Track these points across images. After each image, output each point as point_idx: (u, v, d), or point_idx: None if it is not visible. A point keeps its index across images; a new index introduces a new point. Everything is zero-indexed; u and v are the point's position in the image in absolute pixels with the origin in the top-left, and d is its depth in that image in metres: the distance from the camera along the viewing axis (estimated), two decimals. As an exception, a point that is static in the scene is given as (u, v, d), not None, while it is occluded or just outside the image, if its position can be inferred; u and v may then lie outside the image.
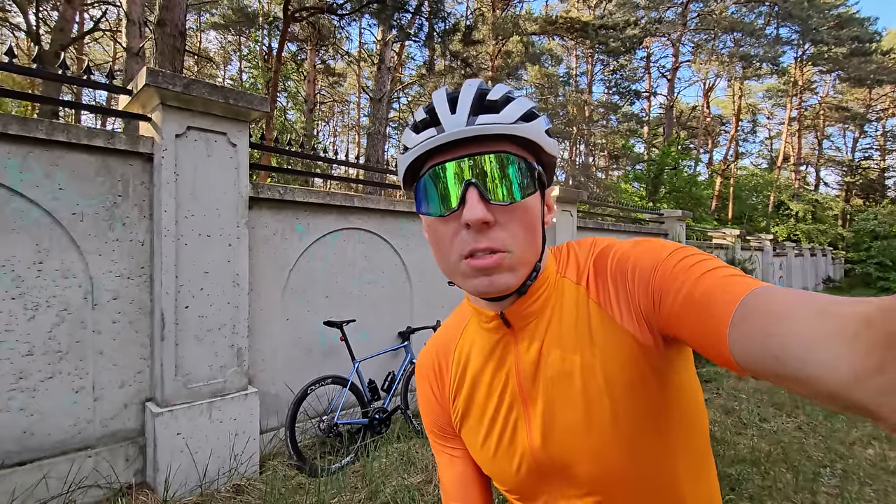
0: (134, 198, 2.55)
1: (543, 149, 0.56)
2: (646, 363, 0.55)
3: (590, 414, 0.57)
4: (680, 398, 0.58)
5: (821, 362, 0.32)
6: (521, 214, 0.54)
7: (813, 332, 0.34)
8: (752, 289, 0.42)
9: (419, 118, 0.57)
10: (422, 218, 0.61)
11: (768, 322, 0.37)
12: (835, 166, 36.96)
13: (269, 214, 3.12)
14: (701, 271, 0.48)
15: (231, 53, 20.01)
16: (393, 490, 2.59)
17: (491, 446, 0.66)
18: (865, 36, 27.20)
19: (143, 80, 2.40)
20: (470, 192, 0.52)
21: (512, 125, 0.52)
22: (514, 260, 0.54)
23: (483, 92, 0.55)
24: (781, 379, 0.36)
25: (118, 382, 2.50)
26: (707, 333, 0.44)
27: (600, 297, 0.58)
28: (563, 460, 0.59)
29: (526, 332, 0.61)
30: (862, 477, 3.01)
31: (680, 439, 0.58)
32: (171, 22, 4.13)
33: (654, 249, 0.55)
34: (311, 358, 3.34)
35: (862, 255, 22.30)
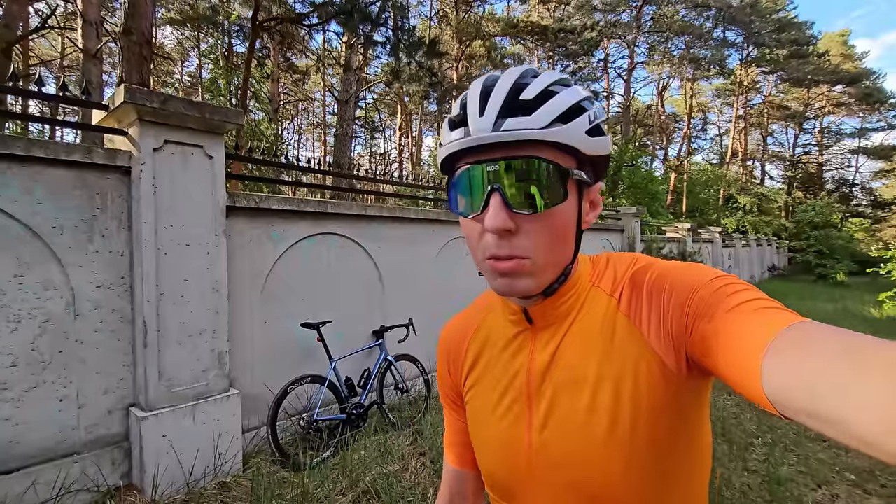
0: (113, 210, 2.62)
1: (582, 150, 0.53)
2: (663, 387, 0.53)
3: (591, 424, 0.55)
4: (688, 438, 0.56)
5: (855, 406, 0.31)
6: (546, 223, 0.53)
7: (851, 373, 0.33)
8: (792, 323, 0.40)
9: (454, 113, 0.55)
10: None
11: (805, 358, 0.36)
12: (778, 161, 39.36)
13: (246, 222, 3.23)
14: (740, 300, 0.46)
15: (189, 50, 19.42)
16: (372, 478, 2.78)
17: (489, 433, 0.65)
18: (803, 39, 29.10)
19: (120, 97, 2.48)
20: (493, 198, 0.51)
21: (542, 130, 0.49)
22: (536, 266, 0.53)
23: (519, 87, 0.52)
24: (814, 419, 0.35)
25: (102, 389, 2.57)
26: (740, 365, 0.42)
27: (631, 310, 0.57)
28: (555, 464, 0.58)
29: (547, 331, 0.61)
30: (787, 445, 3.42)
31: (679, 482, 0.57)
32: (137, 30, 4.12)
33: (696, 272, 0.53)
34: (289, 359, 3.48)
35: (803, 244, 23.91)
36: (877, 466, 3.02)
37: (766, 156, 37.81)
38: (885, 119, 36.86)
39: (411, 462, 3.08)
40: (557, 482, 0.58)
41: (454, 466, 0.78)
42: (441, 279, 4.75)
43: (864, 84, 33.73)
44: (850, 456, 3.21)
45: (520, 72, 0.54)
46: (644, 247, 9.33)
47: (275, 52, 15.74)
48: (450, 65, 14.12)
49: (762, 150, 37.39)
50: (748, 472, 2.98)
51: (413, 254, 4.45)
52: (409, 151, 22.31)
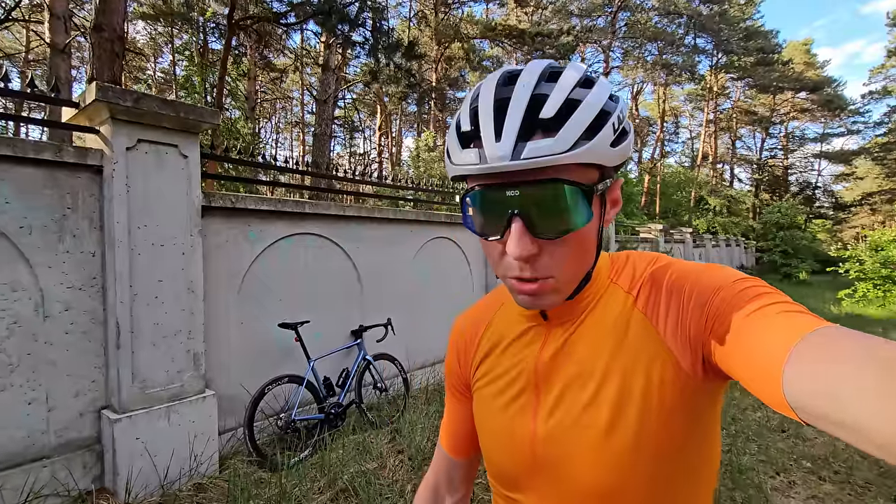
0: (84, 210, 2.58)
1: (606, 165, 0.51)
2: (674, 388, 0.52)
3: (595, 419, 0.55)
4: (695, 444, 0.55)
5: (880, 415, 0.31)
6: (570, 241, 0.51)
7: (876, 381, 0.32)
8: (816, 327, 0.40)
9: (464, 127, 0.51)
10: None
11: (829, 364, 0.35)
12: (746, 164, 40.69)
13: (222, 222, 3.21)
14: (763, 303, 0.45)
15: (162, 46, 18.93)
16: (350, 476, 2.80)
17: (496, 426, 0.65)
18: (769, 47, 30.22)
19: (92, 95, 2.44)
20: (515, 224, 0.49)
21: (567, 154, 0.46)
22: (560, 283, 0.53)
23: (538, 101, 0.47)
24: (836, 425, 0.34)
25: (72, 392, 2.53)
26: (760, 368, 0.41)
27: (648, 308, 0.56)
28: (559, 456, 0.58)
29: (561, 327, 0.61)
30: (749, 435, 3.59)
31: (684, 488, 0.56)
32: (109, 26, 4.01)
33: (718, 274, 0.52)
34: (266, 359, 3.46)
35: (769, 244, 24.81)
36: (831, 454, 3.20)
37: (735, 159, 39.08)
38: (845, 125, 38.57)
39: (389, 460, 3.11)
40: (560, 475, 0.58)
41: (448, 454, 0.78)
42: (419, 279, 4.79)
43: (826, 91, 35.21)
44: (807, 445, 3.39)
45: (537, 73, 0.50)
46: (618, 247, 9.55)
47: (252, 49, 15.50)
48: (429, 66, 14.16)
49: (731, 154, 38.62)
50: (713, 461, 3.12)
51: (392, 254, 4.48)
52: (388, 152, 22.25)
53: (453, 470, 0.79)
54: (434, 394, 4.34)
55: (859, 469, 2.96)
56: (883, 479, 2.83)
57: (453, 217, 5.24)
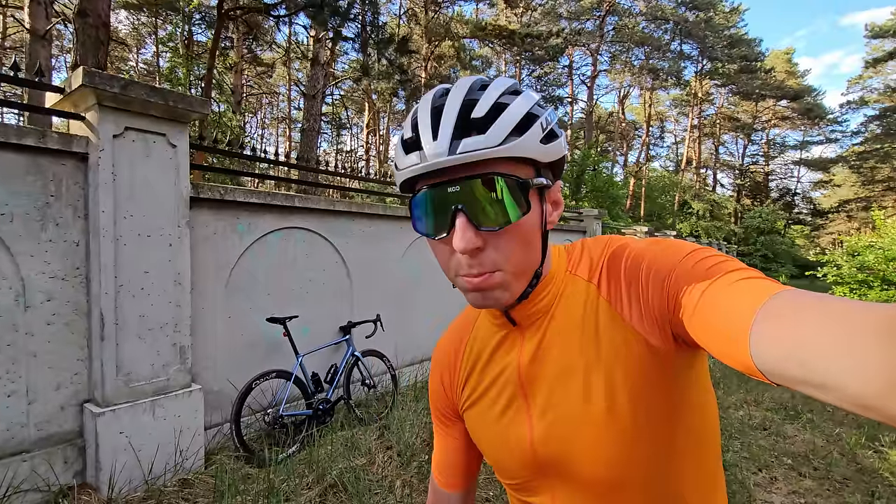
0: (67, 198, 2.51)
1: (538, 160, 0.53)
2: (653, 366, 0.53)
3: (588, 412, 0.56)
4: (690, 410, 0.56)
5: (848, 370, 0.31)
6: (513, 234, 0.53)
7: (840, 338, 0.33)
8: (777, 291, 0.40)
9: (406, 135, 0.54)
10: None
11: (794, 326, 0.36)
12: (728, 170, 41.50)
13: (210, 214, 3.16)
14: (721, 272, 0.46)
15: (145, 36, 18.54)
16: (339, 472, 2.78)
17: (494, 437, 0.66)
18: (752, 55, 30.86)
19: (78, 80, 2.38)
20: (458, 219, 0.51)
21: (498, 147, 0.49)
22: (507, 277, 0.54)
23: (469, 104, 0.51)
24: (807, 385, 0.35)
25: (54, 385, 2.46)
26: (727, 337, 0.42)
27: (611, 295, 0.57)
28: (561, 456, 0.59)
29: (532, 329, 0.62)
30: (733, 433, 3.66)
31: (688, 454, 0.57)
32: (94, 12, 3.89)
33: (671, 249, 0.53)
34: (254, 354, 3.42)
35: (750, 248, 25.39)
36: (811, 451, 3.28)
37: (717, 164, 39.81)
38: (823, 133, 39.61)
39: (378, 456, 3.09)
40: (568, 471, 0.59)
41: (442, 488, 0.78)
42: (408, 276, 4.78)
43: (806, 100, 36.11)
44: (787, 442, 3.47)
45: (467, 86, 0.54)
46: (604, 248, 9.63)
47: (238, 43, 15.27)
48: (419, 64, 14.12)
49: (714, 159, 39.35)
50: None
51: (381, 250, 4.46)
52: (376, 149, 22.14)
53: (448, 501, 0.78)
54: (422, 391, 4.33)
55: (837, 466, 3.04)
56: (860, 475, 2.92)
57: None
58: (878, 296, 9.41)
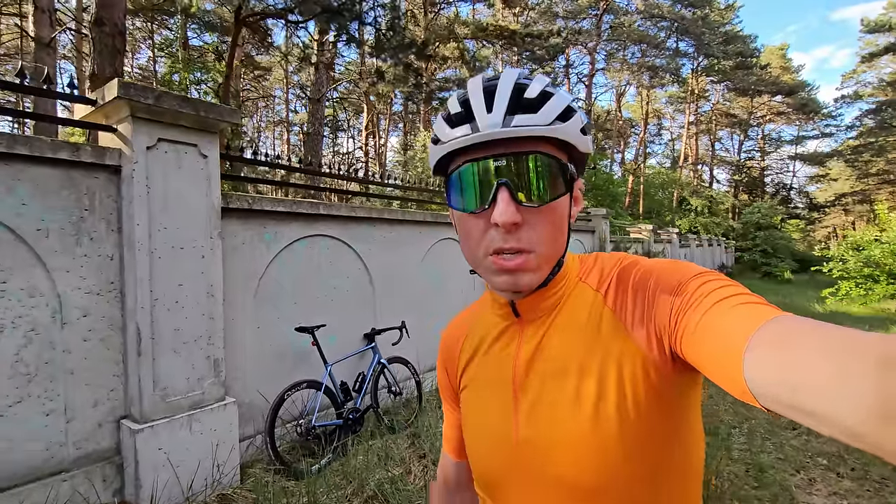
0: (101, 211, 2.47)
1: (577, 147, 0.56)
2: (647, 381, 0.53)
3: (574, 415, 0.56)
4: (677, 432, 0.56)
5: (843, 398, 0.31)
6: (549, 215, 0.55)
7: (831, 365, 0.33)
8: (775, 316, 0.40)
9: (454, 111, 0.56)
10: (450, 209, 0.61)
11: (788, 351, 0.36)
12: (725, 165, 41.69)
13: (238, 224, 3.12)
14: (723, 295, 0.47)
15: (140, 42, 18.42)
16: (377, 482, 2.75)
17: (478, 428, 0.67)
18: (747, 52, 30.98)
19: (113, 92, 2.34)
20: (501, 193, 0.52)
21: (549, 126, 0.52)
22: (539, 260, 0.55)
23: (521, 87, 0.54)
24: (798, 412, 0.35)
25: (91, 402, 2.42)
26: (722, 358, 0.42)
27: (617, 305, 0.58)
28: (540, 456, 0.58)
29: (533, 325, 0.62)
30: (763, 433, 3.65)
31: (670, 476, 0.56)
32: (110, 21, 3.84)
33: (680, 270, 0.54)
34: (282, 364, 3.38)
35: (749, 243, 25.45)
36: (845, 451, 3.28)
37: (714, 160, 39.96)
38: (818, 128, 39.88)
39: (413, 465, 3.07)
40: (543, 475, 0.58)
41: (451, 456, 0.82)
42: (429, 281, 4.75)
43: (801, 95, 36.32)
44: (820, 442, 3.47)
45: (516, 73, 0.56)
46: (613, 247, 9.66)
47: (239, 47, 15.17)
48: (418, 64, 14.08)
49: (711, 155, 39.50)
50: (732, 460, 3.16)
51: (401, 255, 4.43)
52: (375, 152, 22.10)
53: (459, 471, 0.82)
54: (446, 396, 4.30)
55: (874, 465, 3.04)
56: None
57: (460, 218, 5.21)
58: (884, 290, 9.47)
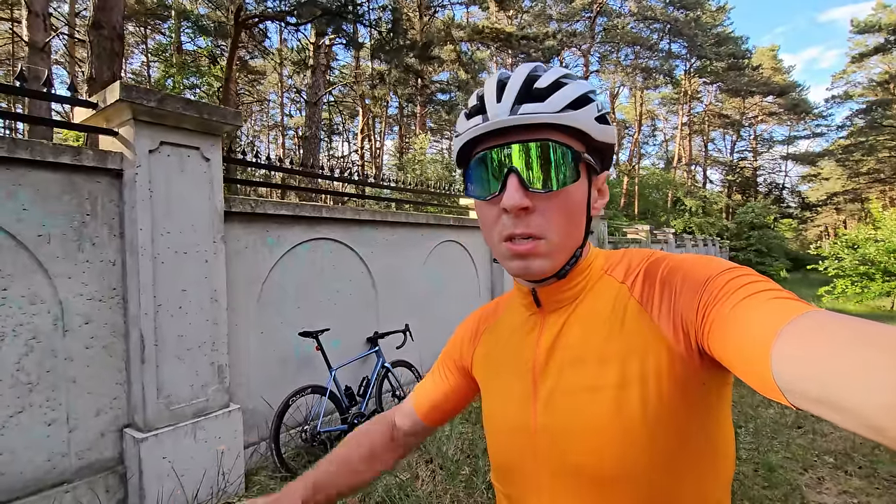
0: (103, 216, 2.43)
1: (593, 136, 0.56)
2: (673, 373, 0.52)
3: (595, 404, 0.55)
4: (703, 428, 0.54)
5: (870, 391, 0.31)
6: (560, 202, 0.55)
7: (859, 359, 0.32)
8: (804, 311, 0.40)
9: (471, 104, 0.59)
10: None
11: (817, 346, 0.35)
12: (718, 166, 41.97)
13: (241, 228, 3.08)
14: (753, 290, 0.46)
15: (133, 46, 18.30)
16: (385, 488, 2.72)
17: (499, 417, 0.67)
18: (739, 53, 31.25)
19: (115, 95, 2.31)
20: (510, 179, 0.54)
21: (555, 114, 0.53)
22: (551, 246, 0.56)
23: (532, 78, 0.56)
24: (826, 407, 0.34)
25: (94, 411, 2.37)
26: (750, 354, 0.41)
27: (643, 296, 0.57)
28: (559, 445, 0.58)
29: (554, 314, 0.63)
30: (769, 433, 3.65)
31: (691, 474, 0.54)
32: (108, 24, 3.79)
33: (711, 263, 0.53)
34: (286, 369, 3.34)
35: (743, 243, 25.63)
36: (851, 449, 3.28)
37: (707, 161, 40.24)
38: (809, 128, 40.26)
39: (420, 469, 3.03)
40: (562, 463, 0.58)
41: (413, 409, 0.83)
42: (431, 284, 4.73)
43: (792, 96, 36.67)
44: (826, 440, 3.47)
45: (532, 66, 0.58)
46: (611, 247, 9.68)
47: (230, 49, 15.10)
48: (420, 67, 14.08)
49: (704, 156, 39.77)
50: (740, 461, 3.15)
51: (403, 258, 4.40)
52: (371, 155, 22.06)
53: (408, 421, 0.83)
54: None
55: (882, 463, 3.03)
56: (907, 472, 2.91)
57: (462, 220, 5.19)
58: (880, 287, 9.54)
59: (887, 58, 31.59)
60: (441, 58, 12.23)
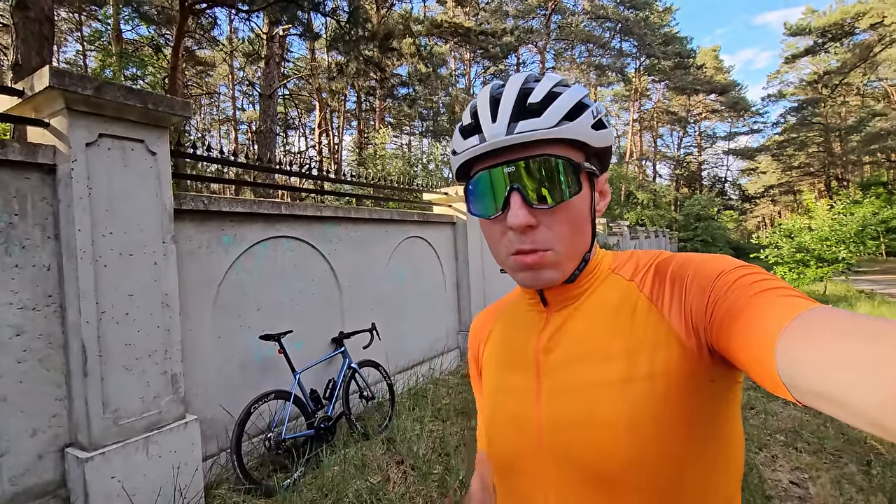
0: (34, 216, 2.19)
1: (591, 144, 0.56)
2: (681, 369, 0.52)
3: (602, 398, 0.55)
4: (711, 425, 0.54)
5: (864, 386, 0.31)
6: (564, 214, 0.55)
7: (862, 354, 0.33)
8: (809, 308, 0.40)
9: (465, 122, 0.59)
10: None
11: (821, 341, 0.36)
12: (667, 161, 43.97)
13: (193, 227, 2.89)
14: (761, 288, 0.46)
15: (66, 34, 16.94)
16: (356, 492, 2.63)
17: (500, 412, 0.66)
18: (685, 52, 32.72)
19: (44, 82, 2.08)
20: (513, 198, 0.54)
21: (553, 129, 0.53)
22: (559, 257, 0.56)
23: (525, 92, 0.55)
24: (828, 402, 0.34)
25: (29, 431, 2.15)
26: (756, 350, 0.42)
27: (653, 293, 0.57)
28: (563, 439, 0.57)
29: (561, 313, 0.63)
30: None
31: (701, 468, 0.54)
32: (36, 5, 3.40)
33: (720, 261, 0.54)
34: (247, 375, 3.17)
35: (690, 234, 26.96)
36: (800, 427, 3.48)
37: (657, 156, 42.00)
38: (748, 125, 42.87)
39: (391, 471, 2.97)
40: (567, 458, 0.57)
41: (484, 451, 0.79)
42: (397, 280, 4.64)
43: (732, 94, 38.85)
44: (777, 419, 3.66)
45: (523, 78, 0.57)
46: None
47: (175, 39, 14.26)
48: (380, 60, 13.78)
49: (654, 151, 41.48)
50: (701, 442, 3.27)
51: (368, 255, 4.29)
52: (329, 151, 21.51)
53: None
54: (418, 398, 4.22)
55: (828, 439, 3.23)
56: (850, 446, 3.11)
57: (426, 216, 5.13)
58: (814, 273, 10.24)
59: (816, 59, 34.00)
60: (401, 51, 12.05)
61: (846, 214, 10.35)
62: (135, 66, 12.40)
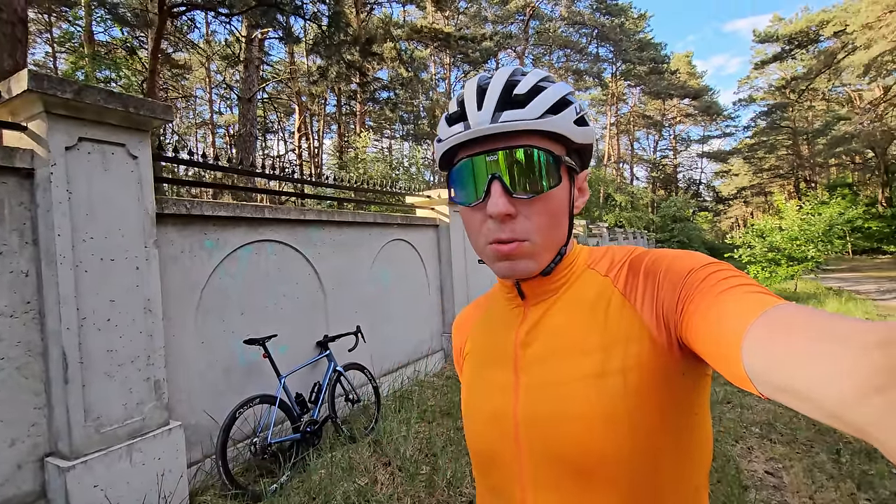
0: (11, 221, 2.15)
1: (572, 139, 0.57)
2: (654, 363, 0.53)
3: (578, 392, 0.56)
4: (682, 416, 0.55)
5: (823, 379, 0.32)
6: (543, 206, 0.56)
7: (822, 349, 0.34)
8: (775, 305, 0.41)
9: (451, 110, 0.60)
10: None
11: (786, 337, 0.37)
12: (643, 164, 44.83)
13: (175, 231, 2.86)
14: (729, 285, 0.47)
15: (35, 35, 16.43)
16: (343, 495, 2.64)
17: (478, 407, 0.67)
18: (659, 58, 33.52)
19: (22, 85, 2.05)
20: (494, 186, 0.55)
21: (536, 121, 0.54)
22: (536, 248, 0.57)
23: (512, 84, 0.56)
24: (792, 396, 0.36)
25: (7, 441, 2.10)
26: (722, 345, 0.43)
27: (627, 288, 0.58)
28: (541, 434, 0.58)
29: (538, 306, 0.64)
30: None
31: (674, 459, 0.55)
32: (9, 6, 3.31)
33: (692, 258, 0.55)
34: (230, 380, 3.14)
35: (667, 235, 27.58)
36: (774, 419, 3.61)
37: (634, 159, 42.83)
38: (720, 128, 44.08)
39: (378, 473, 2.97)
40: (544, 452, 0.58)
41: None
42: (380, 283, 4.65)
43: (705, 98, 39.93)
44: (752, 412, 3.79)
45: (510, 71, 0.59)
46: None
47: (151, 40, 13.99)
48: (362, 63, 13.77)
49: (631, 154, 42.30)
50: (680, 436, 3.36)
51: (351, 258, 4.30)
52: (309, 154, 21.33)
53: None
54: (403, 400, 4.23)
55: (801, 430, 3.37)
56: (821, 436, 3.25)
57: (409, 219, 5.16)
58: (785, 271, 10.60)
59: (784, 65, 35.23)
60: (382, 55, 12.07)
61: (814, 215, 10.74)
62: (108, 69, 12.10)
